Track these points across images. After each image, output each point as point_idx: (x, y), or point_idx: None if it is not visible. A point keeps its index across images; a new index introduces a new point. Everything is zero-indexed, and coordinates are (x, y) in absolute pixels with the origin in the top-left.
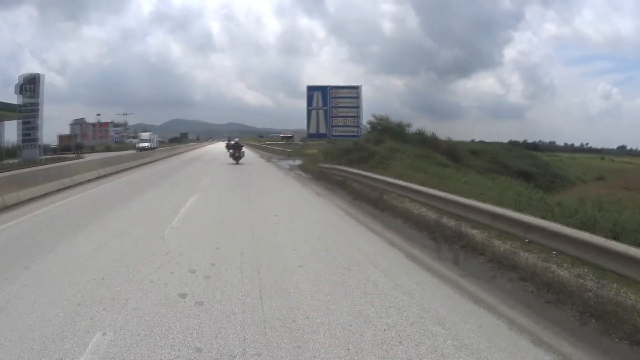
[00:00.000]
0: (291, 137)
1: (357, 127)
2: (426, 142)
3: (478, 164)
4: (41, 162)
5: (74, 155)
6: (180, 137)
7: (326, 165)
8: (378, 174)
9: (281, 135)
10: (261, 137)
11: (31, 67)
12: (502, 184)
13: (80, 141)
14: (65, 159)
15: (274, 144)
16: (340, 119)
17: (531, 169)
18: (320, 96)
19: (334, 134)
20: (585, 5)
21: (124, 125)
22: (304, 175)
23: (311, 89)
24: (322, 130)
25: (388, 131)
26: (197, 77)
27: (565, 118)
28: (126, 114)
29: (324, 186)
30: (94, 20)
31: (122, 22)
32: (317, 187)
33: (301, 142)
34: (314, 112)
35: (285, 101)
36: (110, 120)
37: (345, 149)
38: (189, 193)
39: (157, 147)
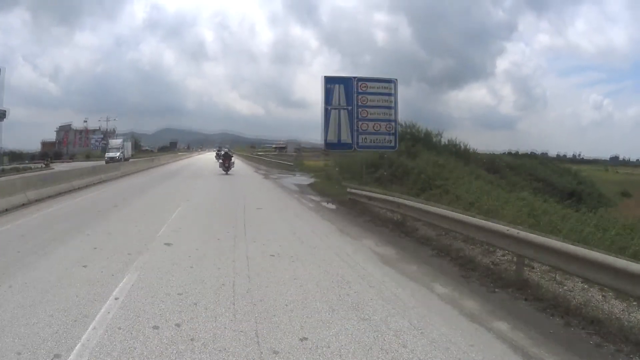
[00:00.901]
0: (284, 147)
1: (394, 134)
2: (461, 155)
3: (519, 181)
4: None
5: (43, 165)
6: (170, 145)
7: (358, 191)
8: (468, 214)
9: (274, 145)
10: (253, 147)
11: (24, 71)
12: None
13: (59, 149)
14: (30, 169)
15: (266, 154)
16: (369, 123)
17: (577, 187)
18: (342, 91)
19: (363, 143)
20: (578, 16)
21: (112, 132)
22: (325, 204)
23: (330, 81)
24: (345, 137)
25: (419, 141)
26: (190, 86)
27: (556, 129)
28: (108, 120)
29: (377, 235)
30: (88, 25)
31: (115, 28)
32: (369, 239)
33: (295, 153)
34: (333, 114)
35: (277, 110)
36: (97, 127)
37: (370, 162)
38: (129, 259)
39: (130, 157)
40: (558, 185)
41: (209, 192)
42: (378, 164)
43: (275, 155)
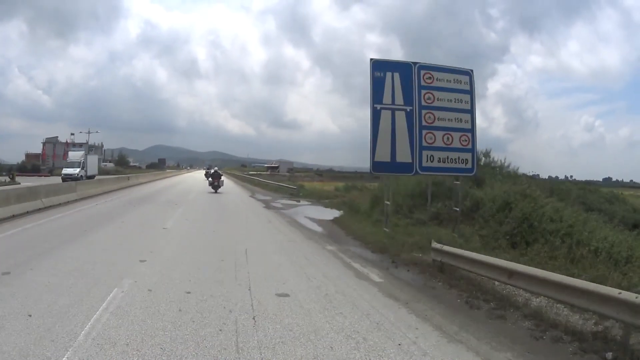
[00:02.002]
0: (277, 167)
1: (471, 150)
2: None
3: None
4: None
5: (8, 179)
6: (159, 162)
7: (464, 253)
8: None
9: (266, 165)
10: (244, 166)
11: (19, 83)
12: None
13: (41, 162)
14: None
15: (258, 174)
16: (438, 133)
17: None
18: (399, 83)
19: (427, 164)
20: (570, 37)
21: (99, 146)
22: (396, 272)
23: (380, 67)
24: (403, 155)
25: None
26: (181, 103)
27: (548, 151)
28: (90, 132)
29: None
30: (83, 39)
31: (109, 43)
32: None
33: (288, 173)
34: (384, 117)
35: (267, 131)
36: (84, 141)
37: (418, 191)
38: None
39: (96, 175)
40: (616, 215)
41: (188, 238)
42: (437, 193)
43: (268, 176)
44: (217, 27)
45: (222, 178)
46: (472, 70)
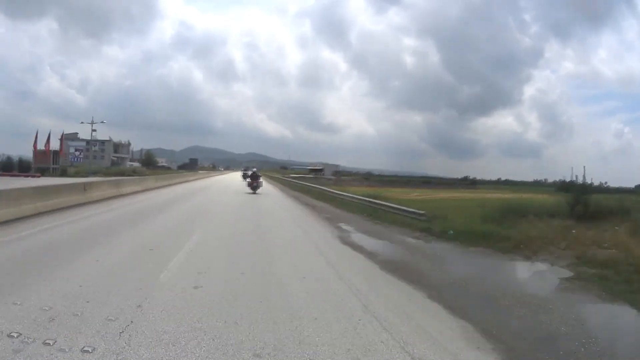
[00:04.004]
0: (321, 170)
1: None
2: None
3: None
4: None
5: None
6: (190, 163)
7: None
8: None
9: (308, 167)
10: (284, 168)
11: (51, 82)
12: None
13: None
14: None
15: (300, 177)
16: None
17: None
18: None
19: None
20: (600, 45)
21: (125, 144)
22: None
23: None
24: None
25: None
26: (218, 105)
27: (580, 157)
28: (94, 122)
29: None
30: (116, 40)
31: (144, 44)
32: None
33: (333, 177)
34: None
35: (305, 134)
36: (107, 138)
37: None
38: None
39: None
40: None
41: None
42: None
43: (314, 181)
44: (252, 29)
45: (261, 179)
46: None
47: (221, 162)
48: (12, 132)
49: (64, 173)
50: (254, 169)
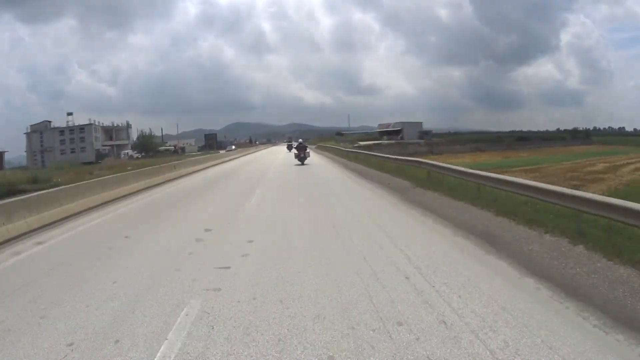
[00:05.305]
0: (398, 131)
1: None
2: None
3: None
4: None
5: None
6: (208, 142)
7: None
8: None
9: (378, 129)
10: (341, 134)
11: (80, 78)
12: None
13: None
14: None
15: (373, 145)
16: None
17: None
18: None
19: None
20: None
21: (122, 127)
22: None
23: None
24: None
25: None
26: (254, 79)
27: (621, 102)
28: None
29: None
30: (139, 28)
31: (169, 27)
32: None
33: (422, 141)
34: None
35: (346, 99)
36: (89, 122)
37: None
38: None
39: None
40: None
41: None
42: None
43: (397, 147)
44: None
45: (308, 150)
46: None
47: (262, 136)
48: None
49: None
50: (300, 140)
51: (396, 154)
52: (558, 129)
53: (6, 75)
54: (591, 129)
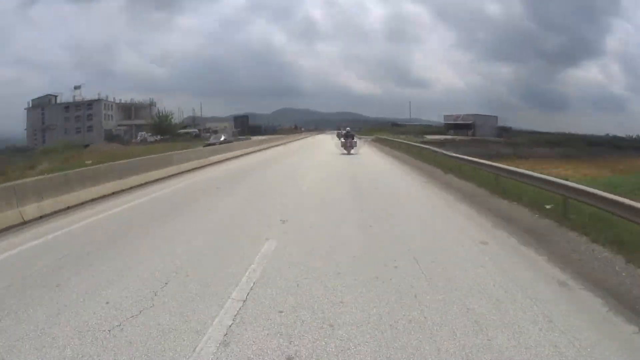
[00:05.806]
0: (469, 125)
1: None
2: None
3: None
4: None
5: None
6: (239, 124)
7: None
8: None
9: (445, 121)
10: (397, 125)
11: (128, 59)
12: None
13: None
14: None
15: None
16: None
17: None
18: None
19: None
20: None
21: (146, 105)
22: None
23: None
24: None
25: None
26: (304, 65)
27: None
28: (77, 88)
29: None
30: (187, 9)
31: (218, 10)
32: None
33: (501, 140)
34: None
35: (394, 90)
36: (97, 97)
37: None
38: None
39: None
40: None
41: None
42: None
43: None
44: None
45: (355, 139)
46: None
47: (310, 123)
48: None
49: None
50: (348, 129)
51: (477, 154)
52: (607, 134)
53: (52, 53)
54: (634, 136)
